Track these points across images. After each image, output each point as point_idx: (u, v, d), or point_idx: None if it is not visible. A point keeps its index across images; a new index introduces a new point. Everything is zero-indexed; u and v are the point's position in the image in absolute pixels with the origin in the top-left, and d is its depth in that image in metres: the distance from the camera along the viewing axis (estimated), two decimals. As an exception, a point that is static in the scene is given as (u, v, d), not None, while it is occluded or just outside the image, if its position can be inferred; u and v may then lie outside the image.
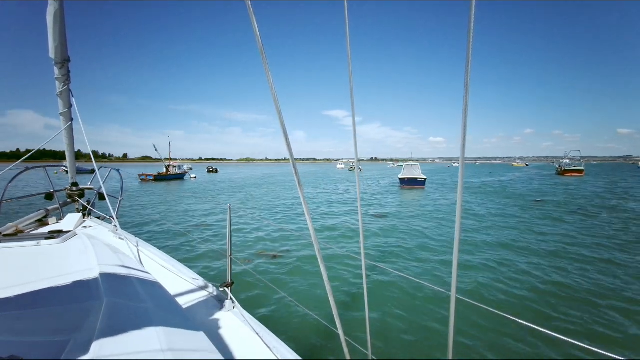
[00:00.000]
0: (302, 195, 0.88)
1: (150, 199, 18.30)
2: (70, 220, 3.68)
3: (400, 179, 26.73)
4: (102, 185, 3.95)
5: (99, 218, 4.10)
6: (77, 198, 4.38)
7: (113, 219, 3.42)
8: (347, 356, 1.09)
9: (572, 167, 45.99)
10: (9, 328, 0.98)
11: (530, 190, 23.13)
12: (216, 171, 60.54)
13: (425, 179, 25.62)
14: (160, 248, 2.88)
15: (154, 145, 38.88)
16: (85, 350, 0.86)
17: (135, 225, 10.57)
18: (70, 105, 4.11)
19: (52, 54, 3.59)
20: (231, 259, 2.18)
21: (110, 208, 3.60)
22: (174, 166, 38.94)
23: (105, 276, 1.47)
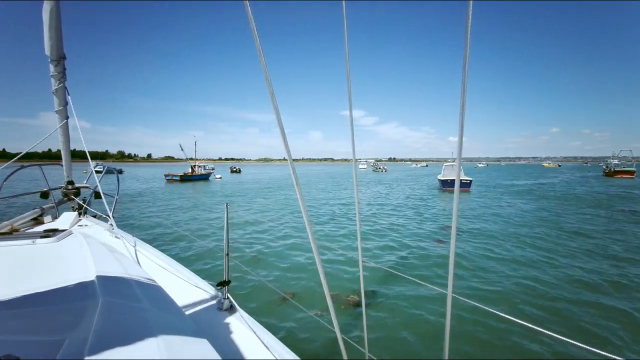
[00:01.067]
0: (299, 193, 0.89)
1: (181, 203, 17.15)
2: (66, 219, 3.65)
3: (441, 180, 24.66)
4: (98, 184, 3.87)
5: (95, 217, 4.02)
6: (72, 196, 4.34)
7: (109, 217, 3.34)
8: (344, 355, 1.07)
9: (622, 168, 42.07)
10: (4, 327, 0.96)
11: (595, 195, 20.47)
12: (239, 171, 59.92)
13: (470, 181, 23.42)
14: (156, 247, 2.84)
15: (180, 145, 38.61)
16: (81, 349, 0.85)
17: (143, 229, 9.79)
18: (66, 103, 4.05)
19: (47, 51, 3.57)
20: (228, 257, 2.16)
21: (107, 207, 3.54)
22: (199, 166, 38.34)
23: (101, 275, 1.45)
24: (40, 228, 3.27)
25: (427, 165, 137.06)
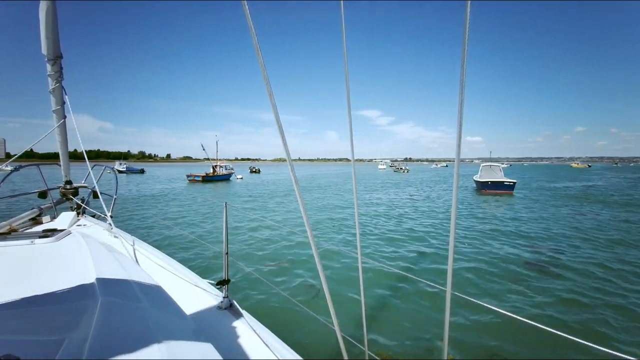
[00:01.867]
0: (298, 191, 0.88)
1: (209, 207, 16.19)
2: (65, 219, 3.65)
3: (479, 182, 22.73)
4: (96, 184, 3.90)
5: (93, 216, 4.01)
6: (71, 196, 4.36)
7: (108, 217, 3.31)
8: (344, 353, 1.08)
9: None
10: (4, 327, 0.96)
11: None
12: (259, 171, 59.26)
13: (514, 183, 21.43)
14: (155, 246, 2.81)
15: (202, 145, 38.09)
16: (81, 349, 0.85)
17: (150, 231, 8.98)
18: (63, 103, 4.08)
19: (44, 50, 3.59)
20: (227, 256, 2.15)
21: (104, 206, 3.53)
22: (221, 166, 37.73)
23: (100, 275, 1.46)
24: (38, 228, 3.23)
25: (447, 166, 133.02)
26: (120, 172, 55.86)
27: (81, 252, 1.87)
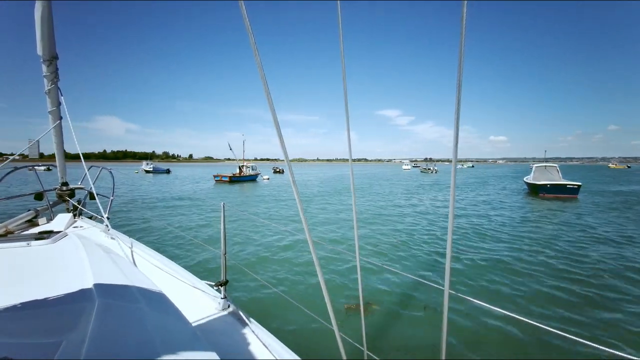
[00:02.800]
0: (296, 192, 0.89)
1: (246, 210, 15.02)
2: (61, 221, 3.59)
3: (534, 184, 20.37)
4: (92, 185, 3.82)
5: (90, 218, 3.97)
6: (67, 198, 4.29)
7: (104, 218, 3.30)
8: (343, 353, 1.09)
9: None
10: (1, 329, 0.96)
11: None
12: (282, 172, 58.25)
13: (579, 186, 18.99)
14: (153, 248, 2.77)
15: (229, 145, 37.52)
16: (78, 351, 0.85)
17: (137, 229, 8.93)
18: (59, 104, 4.04)
19: (39, 51, 3.58)
20: (225, 257, 2.15)
21: (101, 208, 3.48)
22: (247, 167, 36.94)
23: (97, 276, 1.46)
24: (35, 230, 3.15)
25: (473, 166, 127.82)
26: (147, 172, 56.75)
27: (78, 254, 1.88)
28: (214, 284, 2.06)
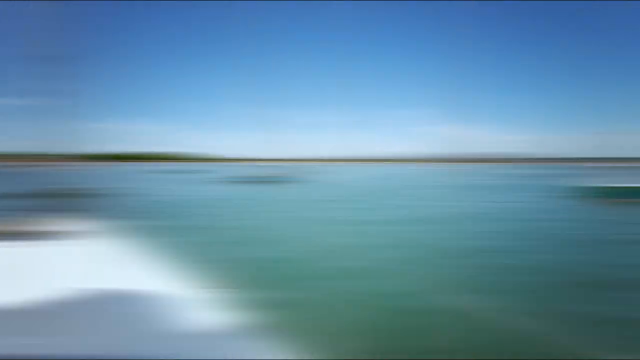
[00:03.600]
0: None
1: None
2: (60, 221, 3.64)
3: (601, 188, 17.63)
4: (93, 186, 5.40)
5: (89, 218, 3.97)
6: (67, 198, 4.38)
7: (105, 219, 3.39)
8: (343, 353, 1.12)
9: None
10: (0, 329, 0.98)
11: None
12: (320, 173, 58.45)
13: None
14: (153, 248, 2.89)
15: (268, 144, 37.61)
16: (78, 352, 0.86)
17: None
18: (70, 104, 4.37)
19: (44, 51, 3.71)
20: (225, 257, 2.07)
21: (100, 209, 2.96)
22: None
23: (97, 278, 1.51)
24: (36, 230, 3.26)
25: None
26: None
27: (76, 254, 1.88)
28: (213, 284, 2.05)
